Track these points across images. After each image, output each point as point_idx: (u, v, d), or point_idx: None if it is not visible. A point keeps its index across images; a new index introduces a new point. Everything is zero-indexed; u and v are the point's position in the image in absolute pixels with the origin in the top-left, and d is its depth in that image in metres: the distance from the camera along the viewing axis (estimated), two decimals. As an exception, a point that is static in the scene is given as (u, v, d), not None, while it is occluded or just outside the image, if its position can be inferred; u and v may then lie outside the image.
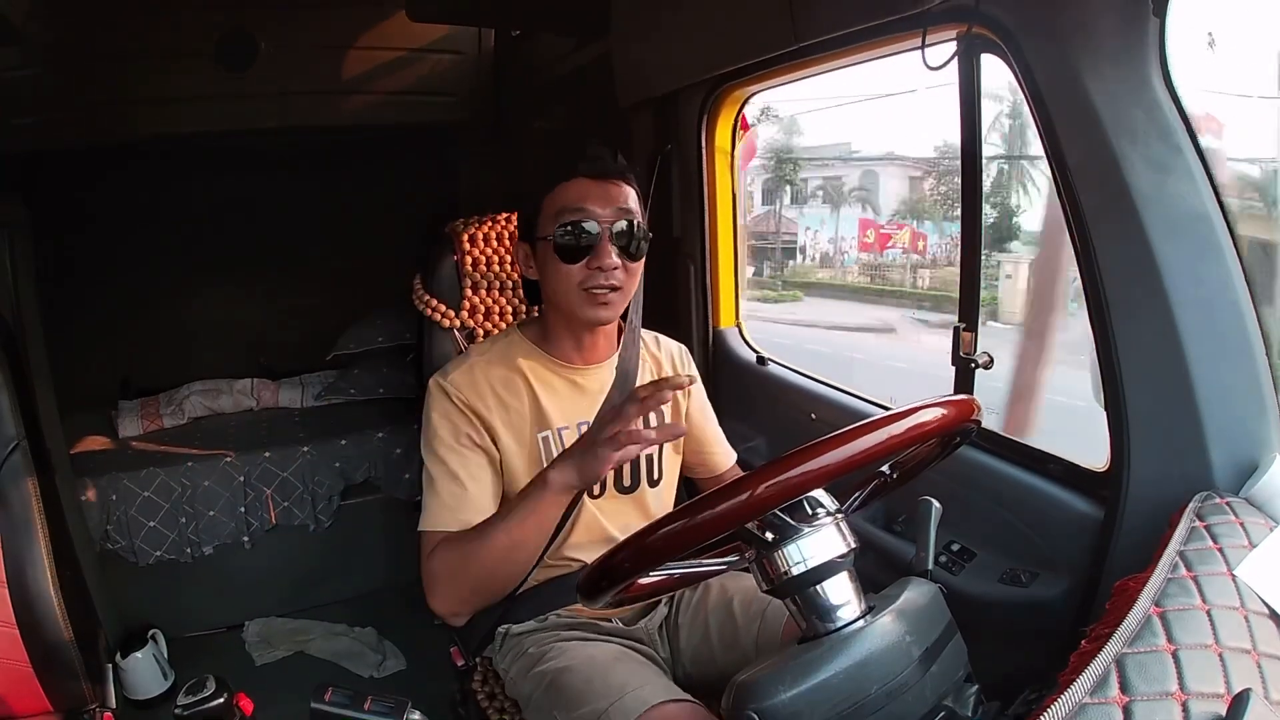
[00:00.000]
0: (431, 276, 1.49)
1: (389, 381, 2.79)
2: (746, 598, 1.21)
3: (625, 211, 1.14)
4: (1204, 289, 0.98)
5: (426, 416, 1.18)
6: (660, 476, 1.29)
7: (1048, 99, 1.05)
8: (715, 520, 0.69)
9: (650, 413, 1.26)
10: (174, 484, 2.29)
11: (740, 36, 1.48)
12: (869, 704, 0.70)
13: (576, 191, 1.13)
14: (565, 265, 1.12)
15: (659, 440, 1.10)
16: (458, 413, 1.16)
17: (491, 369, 1.19)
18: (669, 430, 1.17)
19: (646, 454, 1.27)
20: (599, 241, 1.11)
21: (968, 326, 1.33)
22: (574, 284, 1.13)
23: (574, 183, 1.13)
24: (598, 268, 1.11)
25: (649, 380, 1.28)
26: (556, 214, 1.12)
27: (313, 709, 0.79)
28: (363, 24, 2.33)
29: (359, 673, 2.19)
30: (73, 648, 1.23)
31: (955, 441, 0.92)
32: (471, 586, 1.11)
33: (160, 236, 2.73)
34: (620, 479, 1.25)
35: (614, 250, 1.12)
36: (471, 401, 1.16)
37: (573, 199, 1.12)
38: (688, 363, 1.38)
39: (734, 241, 1.95)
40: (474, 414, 1.16)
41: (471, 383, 1.17)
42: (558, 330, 1.22)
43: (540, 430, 1.19)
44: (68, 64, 2.08)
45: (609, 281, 1.12)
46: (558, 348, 1.22)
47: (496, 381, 1.18)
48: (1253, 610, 0.74)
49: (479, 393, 1.17)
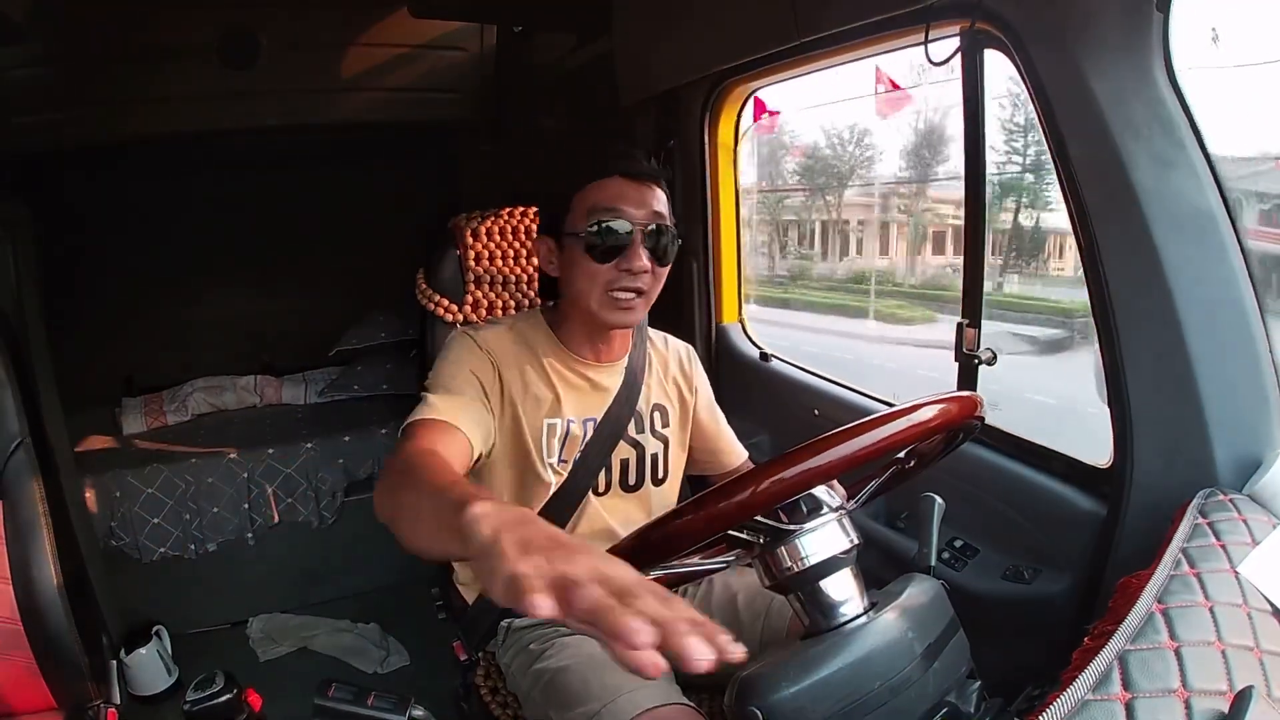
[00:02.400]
0: (434, 272, 1.49)
1: (392, 377, 2.80)
2: (750, 594, 1.22)
3: (658, 214, 1.11)
4: (1208, 285, 0.98)
5: (446, 351, 1.15)
6: (665, 475, 1.29)
7: (1051, 95, 1.04)
8: (719, 516, 0.69)
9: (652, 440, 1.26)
10: (178, 481, 2.30)
11: (743, 32, 1.48)
12: (871, 700, 0.70)
13: (612, 191, 1.10)
14: (594, 264, 1.09)
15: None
16: (478, 358, 1.13)
17: (515, 342, 1.18)
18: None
19: (652, 452, 1.27)
20: (631, 242, 1.09)
21: (971, 323, 1.33)
22: (600, 284, 1.10)
23: (609, 181, 1.10)
24: (627, 269, 1.09)
25: (654, 380, 1.28)
26: (588, 211, 1.10)
27: (316, 705, 0.79)
28: (364, 21, 2.33)
29: (363, 669, 2.19)
30: (77, 644, 1.23)
31: (958, 438, 0.92)
32: (389, 519, 0.84)
33: (163, 234, 2.74)
34: (626, 477, 1.25)
35: (645, 253, 1.10)
36: (497, 358, 1.14)
37: (607, 198, 1.09)
38: (694, 364, 1.37)
39: (736, 237, 1.95)
40: (496, 370, 1.14)
41: (500, 345, 1.15)
42: (575, 327, 1.20)
43: (550, 416, 1.18)
44: (70, 63, 2.08)
45: (636, 284, 1.10)
46: (573, 342, 1.21)
47: (522, 353, 1.17)
48: (1255, 607, 0.74)
49: (505, 354, 1.15)
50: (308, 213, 2.87)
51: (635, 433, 1.25)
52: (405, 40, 2.39)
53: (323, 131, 2.61)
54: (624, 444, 1.24)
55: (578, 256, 1.11)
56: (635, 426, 1.25)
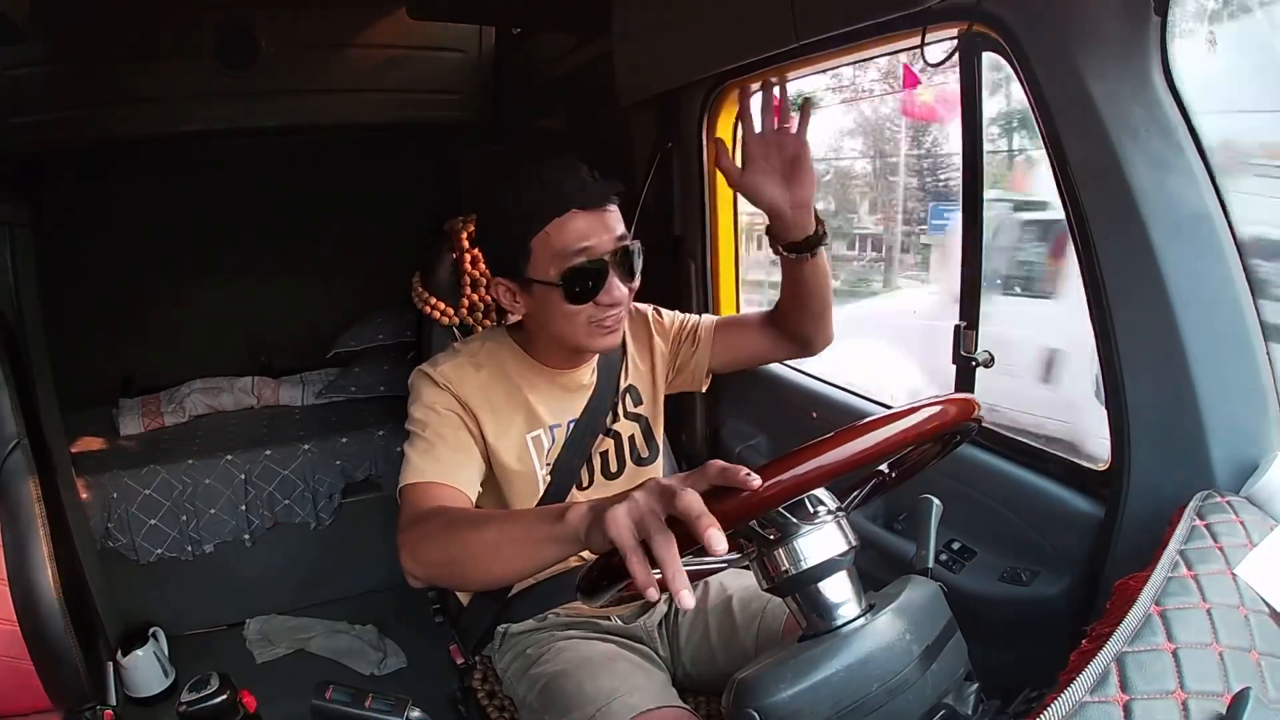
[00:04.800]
0: (431, 275, 1.49)
1: (390, 379, 2.80)
2: (746, 596, 1.21)
3: (620, 237, 1.07)
4: (1205, 287, 0.98)
5: (414, 394, 1.14)
6: (649, 454, 1.28)
7: (1049, 97, 1.04)
8: (718, 519, 0.69)
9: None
10: (175, 482, 2.29)
11: (741, 34, 1.48)
12: (869, 702, 0.70)
13: (576, 229, 1.04)
14: (572, 306, 1.06)
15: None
16: (447, 397, 1.12)
17: (480, 369, 1.16)
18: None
19: (629, 435, 1.26)
20: (606, 277, 1.06)
21: (969, 325, 1.33)
22: (582, 321, 1.08)
23: (570, 217, 1.04)
24: (608, 302, 1.07)
25: (629, 360, 1.27)
26: (555, 256, 1.04)
27: (314, 707, 0.79)
28: (363, 22, 2.33)
29: (360, 670, 2.19)
30: (74, 645, 1.23)
31: (955, 440, 0.92)
32: (447, 561, 0.94)
33: (161, 235, 2.74)
34: (607, 467, 1.25)
35: (618, 279, 1.07)
36: (460, 393, 1.13)
37: (574, 239, 1.04)
38: (655, 315, 1.33)
39: (735, 239, 1.95)
40: (462, 404, 1.13)
41: (460, 377, 1.14)
42: (548, 348, 1.18)
43: (531, 430, 1.18)
44: (70, 63, 2.08)
45: (617, 310, 1.09)
46: (546, 357, 1.19)
47: (485, 380, 1.15)
48: (1253, 609, 0.74)
49: (467, 387, 1.13)
50: (306, 214, 2.87)
51: (610, 422, 1.25)
52: (403, 41, 2.40)
53: (321, 132, 2.61)
54: (602, 436, 1.24)
55: (552, 301, 1.07)
56: (610, 416, 1.25)
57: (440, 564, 0.94)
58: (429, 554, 0.94)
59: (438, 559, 0.94)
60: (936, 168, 2.94)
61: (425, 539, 0.95)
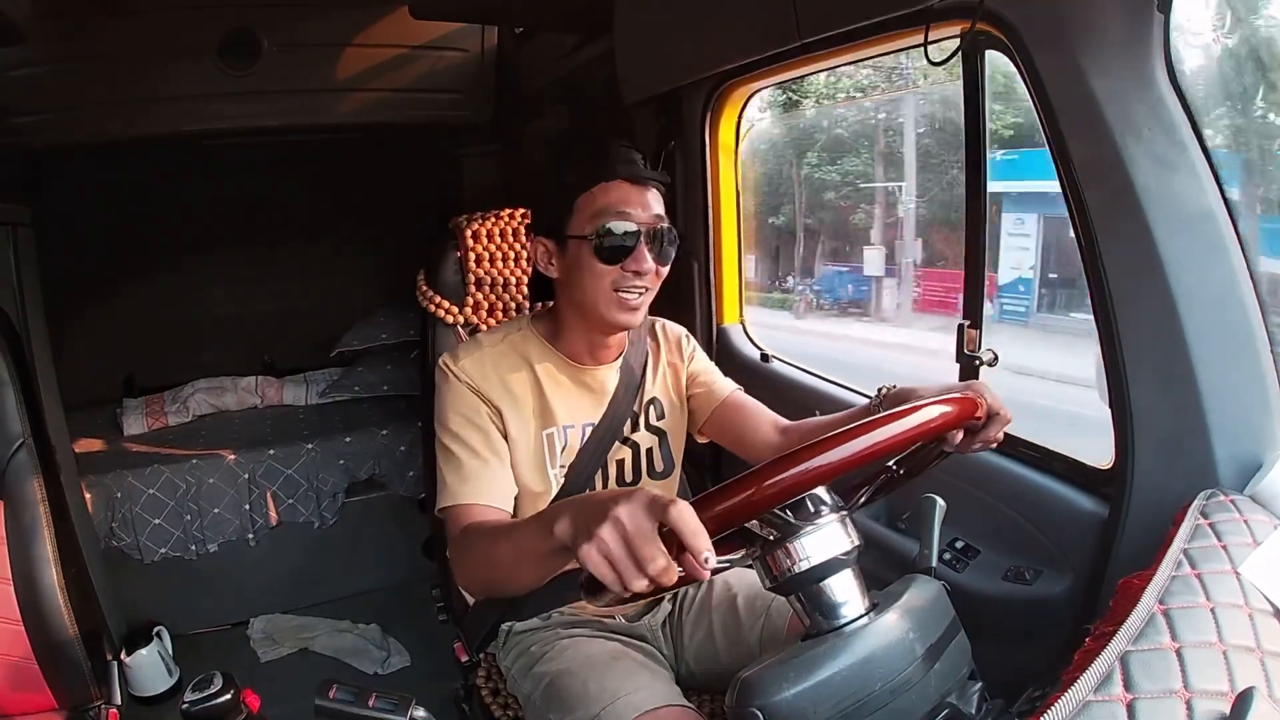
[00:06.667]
0: (435, 273, 1.49)
1: (393, 378, 2.80)
2: (750, 595, 1.22)
3: (659, 217, 1.13)
4: (1209, 286, 0.98)
5: (439, 396, 1.17)
6: (664, 468, 1.29)
7: (1052, 95, 1.04)
8: (718, 519, 0.69)
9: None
10: (178, 481, 2.30)
11: (744, 33, 1.48)
12: (872, 701, 0.70)
13: (618, 194, 1.11)
14: (602, 265, 1.10)
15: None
16: (470, 395, 1.15)
17: (501, 359, 1.18)
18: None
19: (647, 447, 1.27)
20: (637, 244, 1.10)
21: (972, 324, 1.33)
22: (606, 285, 1.11)
23: (614, 185, 1.11)
24: (634, 270, 1.11)
25: (654, 373, 1.28)
26: (595, 214, 1.10)
27: (317, 706, 0.79)
28: (365, 21, 2.33)
29: (363, 669, 2.19)
30: (78, 645, 1.23)
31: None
32: (485, 579, 1.04)
33: (164, 235, 2.74)
34: (622, 476, 1.25)
35: (649, 254, 1.11)
36: (480, 388, 1.15)
37: (614, 201, 1.10)
38: (691, 346, 1.36)
39: (737, 239, 1.95)
40: (484, 399, 1.15)
41: (480, 371, 1.16)
42: (573, 329, 1.20)
43: (546, 427, 1.18)
44: (71, 63, 2.08)
45: (641, 284, 1.12)
46: (569, 346, 1.20)
47: (505, 371, 1.17)
48: (1257, 608, 0.74)
49: (487, 381, 1.15)
50: (309, 213, 2.88)
51: (630, 431, 1.25)
52: (406, 41, 2.40)
53: (323, 132, 2.61)
54: (620, 444, 1.24)
55: (585, 258, 1.11)
56: (630, 425, 1.25)
57: (482, 580, 1.04)
58: (470, 573, 1.05)
59: (478, 576, 1.04)
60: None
61: (461, 559, 1.05)
